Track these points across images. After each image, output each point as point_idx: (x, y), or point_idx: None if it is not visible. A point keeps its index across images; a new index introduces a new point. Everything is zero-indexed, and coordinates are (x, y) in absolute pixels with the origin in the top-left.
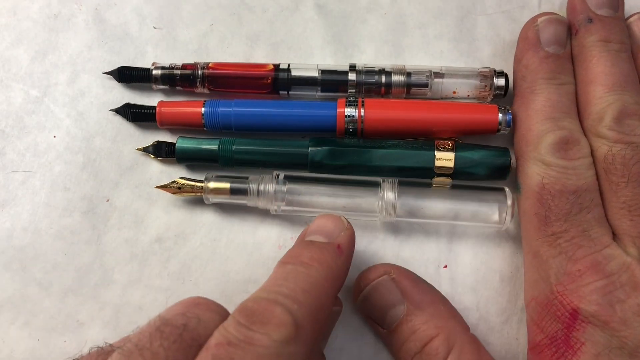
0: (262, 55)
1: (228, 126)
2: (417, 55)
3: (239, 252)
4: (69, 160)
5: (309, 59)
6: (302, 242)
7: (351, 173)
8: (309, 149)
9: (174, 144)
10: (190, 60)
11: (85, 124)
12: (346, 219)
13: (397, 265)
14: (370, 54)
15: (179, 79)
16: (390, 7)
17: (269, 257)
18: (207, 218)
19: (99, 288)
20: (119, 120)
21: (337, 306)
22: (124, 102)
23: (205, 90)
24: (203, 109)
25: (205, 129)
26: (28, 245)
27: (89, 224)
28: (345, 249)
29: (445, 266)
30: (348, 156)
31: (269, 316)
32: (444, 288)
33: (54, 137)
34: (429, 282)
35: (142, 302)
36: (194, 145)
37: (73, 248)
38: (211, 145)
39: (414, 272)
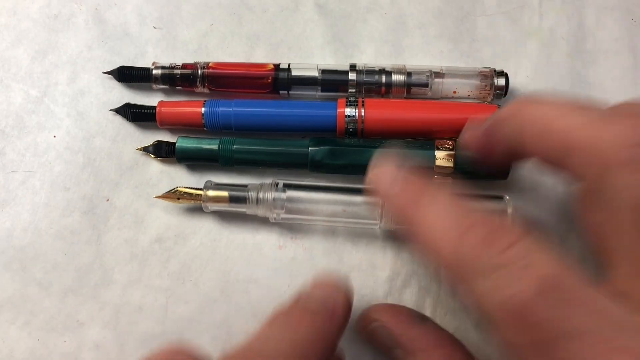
0: (262, 55)
1: (228, 126)
2: (417, 55)
3: (239, 252)
4: (69, 160)
5: (309, 59)
6: (295, 303)
7: (352, 173)
8: (309, 148)
9: (174, 143)
10: (190, 60)
11: (85, 124)
12: (344, 281)
13: (389, 306)
14: (370, 54)
15: (179, 79)
16: (390, 7)
17: (269, 257)
18: (207, 218)
19: (99, 288)
20: (119, 120)
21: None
22: (124, 102)
23: (206, 90)
24: (203, 108)
25: (205, 129)
26: (28, 245)
27: (89, 224)
28: (340, 314)
29: None
30: (348, 156)
31: None
32: (445, 287)
33: (54, 137)
34: (430, 281)
35: (142, 302)
36: (194, 145)
37: (73, 248)
38: (211, 145)
39: (415, 271)
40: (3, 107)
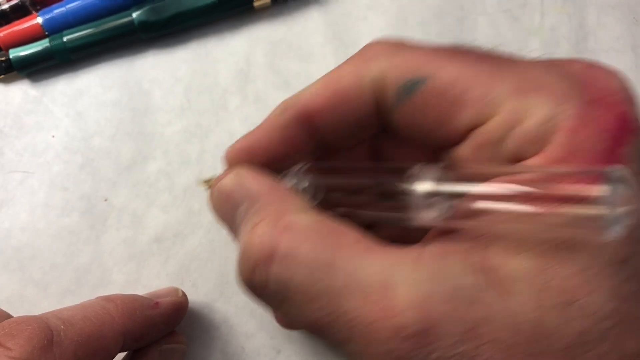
0: (262, 54)
1: (68, 24)
2: None
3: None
4: (67, 159)
5: (309, 57)
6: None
7: (180, 23)
8: (133, 14)
9: (9, 58)
10: None
11: (83, 124)
12: (182, 292)
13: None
14: None
15: (10, 12)
16: (391, 4)
17: None
18: (205, 218)
19: (98, 288)
20: (117, 119)
21: (179, 344)
22: (123, 102)
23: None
24: (39, 18)
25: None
26: (26, 246)
27: (87, 224)
28: (163, 308)
29: None
30: (170, 7)
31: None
32: None
33: (53, 136)
34: None
35: None
36: (29, 51)
37: (71, 248)
38: (44, 44)
39: None
40: (1, 106)
